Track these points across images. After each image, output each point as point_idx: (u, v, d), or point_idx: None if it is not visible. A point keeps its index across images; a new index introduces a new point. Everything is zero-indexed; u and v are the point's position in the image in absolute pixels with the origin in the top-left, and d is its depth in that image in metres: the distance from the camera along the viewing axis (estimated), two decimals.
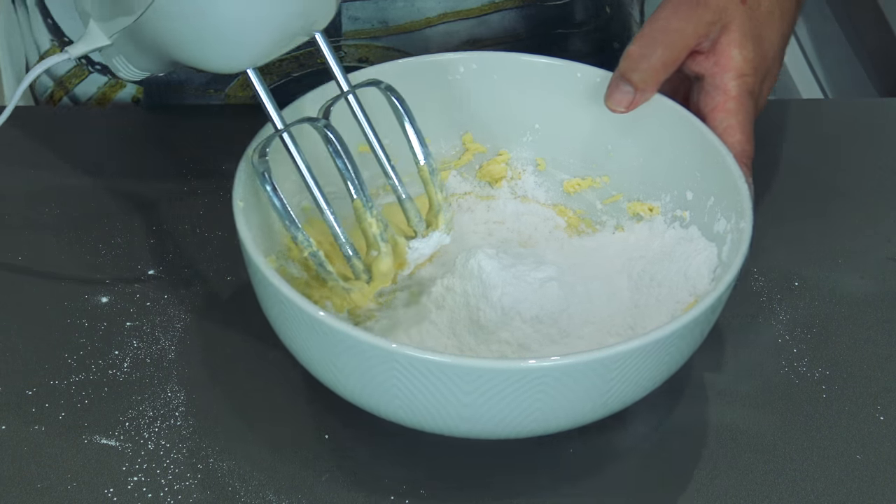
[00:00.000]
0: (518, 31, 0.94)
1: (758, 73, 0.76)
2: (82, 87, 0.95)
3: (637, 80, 0.74)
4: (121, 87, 0.95)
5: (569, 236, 0.79)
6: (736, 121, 0.74)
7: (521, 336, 0.70)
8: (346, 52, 0.92)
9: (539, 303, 0.70)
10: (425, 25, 0.92)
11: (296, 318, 0.63)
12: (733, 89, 0.75)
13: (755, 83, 0.76)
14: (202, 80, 0.92)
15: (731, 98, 0.75)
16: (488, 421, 0.62)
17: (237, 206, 0.67)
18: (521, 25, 0.94)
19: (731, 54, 0.75)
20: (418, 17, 0.92)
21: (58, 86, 0.97)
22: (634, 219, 0.77)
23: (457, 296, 0.71)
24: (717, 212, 0.72)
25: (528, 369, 0.60)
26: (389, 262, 0.72)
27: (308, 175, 0.68)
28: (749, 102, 0.75)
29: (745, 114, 0.75)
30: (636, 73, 0.74)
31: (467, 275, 0.71)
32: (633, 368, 0.62)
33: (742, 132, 0.74)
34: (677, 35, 0.74)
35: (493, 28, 0.93)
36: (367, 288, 0.72)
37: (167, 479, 0.66)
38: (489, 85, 0.79)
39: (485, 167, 0.81)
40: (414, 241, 0.74)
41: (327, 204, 0.69)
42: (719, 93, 0.75)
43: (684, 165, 0.74)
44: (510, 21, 0.93)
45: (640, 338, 0.61)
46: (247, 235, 0.66)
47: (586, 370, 0.61)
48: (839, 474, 0.68)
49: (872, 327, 0.76)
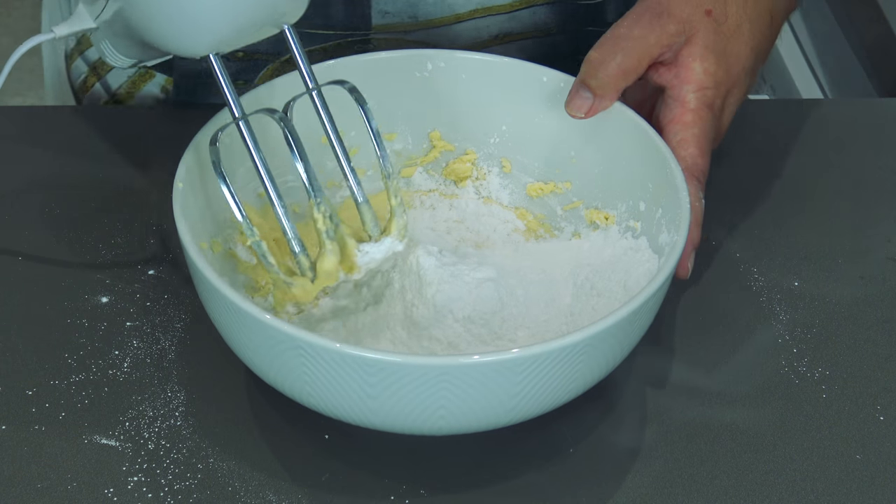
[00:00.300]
0: (549, 27, 0.94)
1: (720, 87, 0.76)
2: (114, 75, 0.96)
3: (595, 86, 0.74)
4: (150, 77, 0.95)
5: (525, 240, 0.79)
6: (691, 134, 0.74)
7: (451, 335, 0.70)
8: (376, 45, 0.92)
9: (473, 303, 0.70)
10: (455, 21, 0.92)
11: (213, 299, 0.64)
12: (692, 101, 0.75)
13: (716, 97, 0.75)
14: (231, 70, 0.92)
15: (689, 111, 0.74)
16: (397, 415, 0.62)
17: (177, 188, 0.68)
18: (552, 21, 0.94)
19: (691, 67, 0.75)
20: (448, 13, 0.92)
21: (91, 71, 0.97)
22: (591, 227, 0.78)
23: (394, 290, 0.71)
24: (662, 224, 0.72)
25: (428, 366, 0.60)
26: (334, 260, 0.72)
27: (262, 167, 0.69)
28: (707, 116, 0.75)
29: (701, 127, 0.74)
30: (594, 79, 0.74)
31: (406, 270, 0.71)
32: (542, 374, 0.62)
33: (696, 146, 0.74)
34: (638, 42, 0.74)
35: (524, 23, 0.93)
36: (311, 286, 0.72)
37: (167, 479, 0.66)
38: (457, 84, 0.80)
39: (451, 165, 0.82)
40: (365, 245, 0.74)
41: (279, 197, 0.69)
42: (678, 105, 0.75)
43: (639, 176, 0.75)
44: (541, 17, 0.93)
45: (541, 344, 0.61)
46: (180, 216, 0.67)
47: (488, 371, 0.61)
48: (839, 474, 0.68)
49: (872, 327, 0.76)
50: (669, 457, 0.69)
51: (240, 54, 0.91)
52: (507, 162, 0.81)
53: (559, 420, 0.69)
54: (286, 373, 0.63)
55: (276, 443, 0.68)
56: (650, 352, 0.73)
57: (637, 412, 0.71)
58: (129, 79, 0.96)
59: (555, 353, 0.61)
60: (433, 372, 0.60)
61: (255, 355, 0.64)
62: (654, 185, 0.73)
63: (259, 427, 0.69)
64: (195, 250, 0.65)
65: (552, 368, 0.62)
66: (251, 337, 0.63)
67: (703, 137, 0.74)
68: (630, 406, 0.71)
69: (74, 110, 0.95)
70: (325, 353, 0.60)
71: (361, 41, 0.91)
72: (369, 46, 0.92)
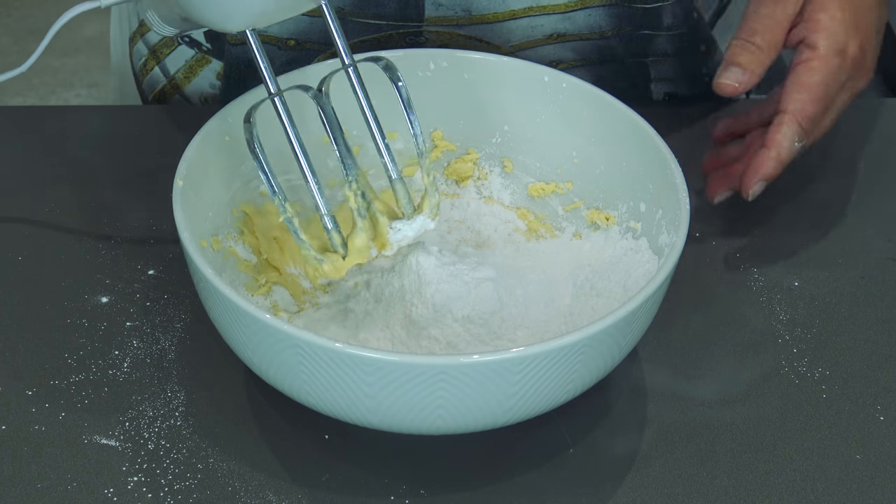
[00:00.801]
0: (603, 29, 0.94)
1: (849, 30, 0.79)
2: (172, 59, 0.96)
3: (745, 61, 0.78)
4: (206, 63, 0.94)
5: (526, 240, 0.79)
6: (810, 79, 0.78)
7: (450, 334, 0.70)
8: (428, 37, 0.92)
9: (472, 303, 0.71)
10: (509, 17, 0.92)
11: (212, 297, 0.64)
12: (822, 47, 0.78)
13: (848, 40, 0.79)
14: (283, 59, 0.92)
15: (817, 56, 0.78)
16: (395, 415, 0.62)
17: (177, 186, 0.68)
18: (606, 24, 0.93)
19: (818, 18, 0.79)
20: (503, 9, 0.91)
21: (151, 55, 0.97)
22: (592, 227, 0.78)
23: (394, 289, 0.71)
24: (662, 225, 0.72)
25: (427, 365, 0.60)
26: (364, 238, 0.72)
27: (297, 143, 0.68)
28: (835, 63, 0.78)
29: (824, 74, 0.78)
30: (742, 55, 0.79)
31: (406, 270, 0.71)
32: (540, 374, 0.62)
33: (808, 91, 0.78)
34: (767, 19, 0.79)
35: (578, 24, 0.93)
36: (342, 262, 0.72)
37: (167, 479, 0.66)
38: (460, 84, 0.80)
39: (452, 165, 0.82)
40: (397, 223, 0.73)
41: (312, 173, 0.69)
42: (808, 49, 0.79)
43: (640, 177, 0.75)
44: (596, 19, 0.93)
45: (540, 344, 0.61)
46: (180, 213, 0.67)
47: (486, 371, 0.61)
48: (839, 474, 0.68)
49: (872, 327, 0.76)
50: (669, 456, 0.69)
51: (291, 42, 0.91)
52: (508, 162, 0.81)
53: (558, 420, 0.69)
54: (285, 372, 0.63)
55: (276, 443, 0.68)
56: (650, 352, 0.73)
57: (637, 412, 0.71)
58: (187, 63, 0.95)
59: (553, 353, 0.61)
60: (431, 371, 0.60)
61: (254, 354, 0.64)
62: (654, 186, 0.73)
63: (259, 427, 0.69)
64: (195, 248, 0.65)
65: (551, 368, 0.62)
66: (250, 336, 0.63)
67: (821, 85, 0.78)
68: (630, 406, 0.71)
69: (73, 110, 0.95)
70: (324, 352, 0.60)
71: (413, 33, 0.91)
72: (421, 39, 0.91)
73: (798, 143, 0.78)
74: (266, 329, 0.62)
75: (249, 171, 0.75)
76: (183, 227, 0.66)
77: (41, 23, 2.40)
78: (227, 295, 0.62)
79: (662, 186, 0.72)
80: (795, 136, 0.77)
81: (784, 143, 0.78)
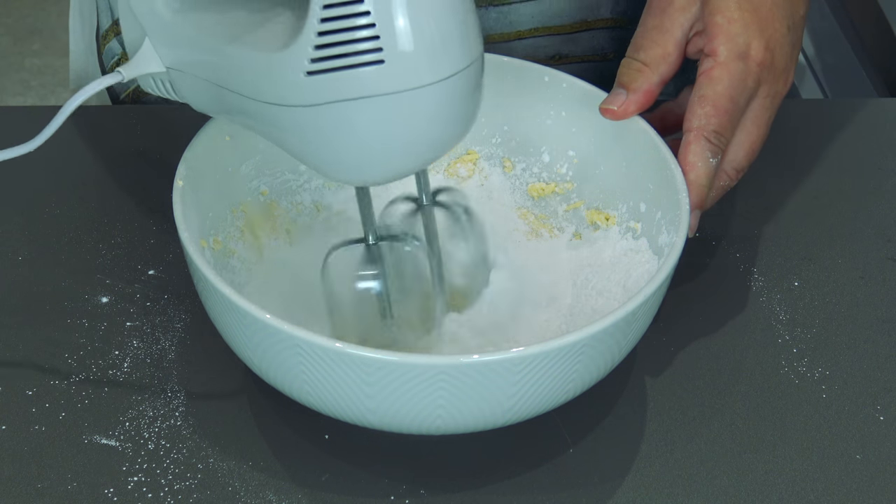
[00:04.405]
0: (606, 52, 0.93)
1: (750, 30, 0.73)
2: None
3: (628, 81, 0.74)
4: None
5: (527, 239, 0.79)
6: (712, 90, 0.72)
7: (454, 331, 0.70)
8: None
9: (472, 303, 0.71)
10: (515, 38, 0.92)
11: (212, 297, 0.65)
12: (722, 54, 0.72)
13: (749, 41, 0.73)
14: None
15: (718, 64, 0.72)
16: (395, 415, 0.62)
17: (177, 186, 0.68)
18: (609, 46, 0.93)
19: (714, 22, 0.73)
20: (509, 30, 0.91)
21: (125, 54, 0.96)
22: (592, 227, 0.78)
23: None
24: (662, 225, 0.72)
25: (426, 365, 0.60)
26: None
27: None
28: (737, 67, 0.72)
29: (725, 83, 0.72)
30: (626, 74, 0.74)
31: None
32: (540, 374, 0.62)
33: (711, 104, 0.72)
34: (654, 32, 0.74)
35: (582, 46, 0.92)
36: None
37: (167, 479, 0.66)
38: None
39: (453, 165, 0.82)
40: None
41: None
42: (708, 59, 0.73)
43: (640, 177, 0.74)
44: (599, 41, 0.92)
45: (540, 344, 0.61)
46: (180, 214, 0.67)
47: (486, 371, 0.61)
48: (839, 474, 0.68)
49: (872, 327, 0.76)
50: (669, 457, 0.69)
51: None
52: (508, 162, 0.81)
53: (558, 420, 0.69)
54: (285, 371, 0.63)
55: (276, 443, 0.68)
56: (650, 351, 0.73)
57: (636, 412, 0.71)
58: None
59: (553, 353, 0.61)
60: (431, 371, 0.60)
61: (254, 354, 0.64)
62: (654, 187, 0.73)
63: (259, 427, 0.69)
64: (195, 248, 0.65)
65: (551, 368, 0.62)
66: (250, 336, 0.63)
67: (723, 96, 0.72)
68: (629, 406, 0.71)
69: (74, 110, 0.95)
70: (323, 351, 0.60)
71: None
72: None
73: (712, 160, 0.72)
74: (266, 329, 0.62)
75: (249, 171, 0.75)
76: (183, 227, 0.66)
77: (41, 23, 2.40)
78: (228, 295, 0.62)
79: (662, 186, 0.72)
80: (707, 153, 0.72)
81: (698, 163, 0.71)
